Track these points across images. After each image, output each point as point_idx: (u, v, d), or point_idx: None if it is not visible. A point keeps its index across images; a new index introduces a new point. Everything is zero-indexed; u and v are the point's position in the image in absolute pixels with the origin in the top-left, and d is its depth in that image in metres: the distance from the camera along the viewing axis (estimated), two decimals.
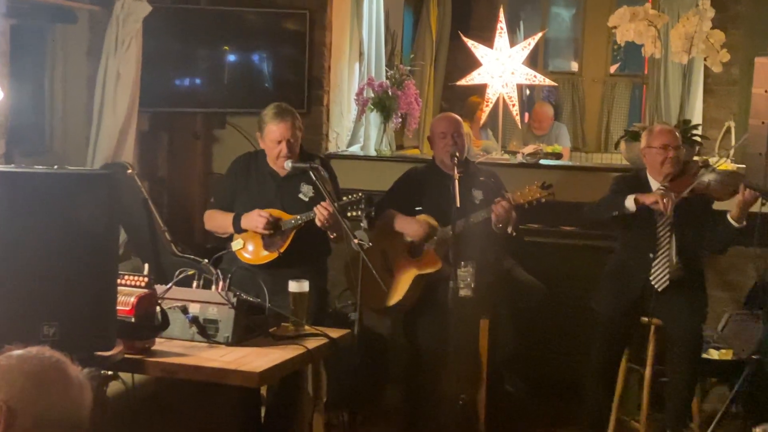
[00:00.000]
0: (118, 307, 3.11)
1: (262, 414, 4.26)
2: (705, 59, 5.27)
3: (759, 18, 5.31)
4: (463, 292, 4.38)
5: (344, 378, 4.20)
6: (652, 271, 4.45)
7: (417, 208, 4.74)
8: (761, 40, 5.15)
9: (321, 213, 4.21)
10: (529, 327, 4.82)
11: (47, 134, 5.19)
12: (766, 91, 3.89)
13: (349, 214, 4.16)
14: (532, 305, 4.71)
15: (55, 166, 3.12)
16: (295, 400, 4.02)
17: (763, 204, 4.09)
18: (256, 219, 4.37)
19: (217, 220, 4.56)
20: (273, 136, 4.39)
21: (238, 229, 4.45)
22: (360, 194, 4.21)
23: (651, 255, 4.46)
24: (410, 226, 4.70)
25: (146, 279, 3.35)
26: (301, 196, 4.46)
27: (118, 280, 3.21)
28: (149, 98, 5.28)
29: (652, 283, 4.44)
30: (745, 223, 4.27)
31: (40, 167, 3.08)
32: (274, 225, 4.37)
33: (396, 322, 5.09)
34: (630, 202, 4.37)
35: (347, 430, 3.92)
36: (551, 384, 5.20)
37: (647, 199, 4.34)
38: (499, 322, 4.78)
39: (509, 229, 4.56)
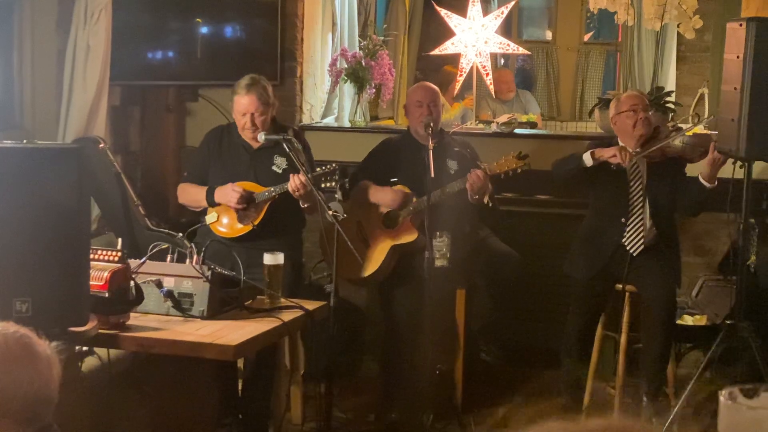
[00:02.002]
0: (91, 282, 3.10)
1: (240, 387, 4.27)
2: (678, 26, 5.28)
3: None
4: (438, 262, 4.38)
5: (321, 350, 4.20)
6: (626, 235, 4.47)
7: (392, 179, 4.73)
8: (733, 6, 5.16)
9: (294, 182, 4.20)
10: (505, 296, 4.83)
11: (16, 109, 5.12)
12: (738, 57, 3.89)
13: (323, 185, 4.14)
14: (508, 274, 4.73)
15: (24, 141, 3.08)
16: (272, 373, 4.02)
17: (741, 167, 4.10)
18: (229, 193, 4.34)
19: (191, 194, 4.53)
20: (238, 107, 4.37)
21: (212, 203, 4.42)
22: (334, 165, 4.19)
23: (623, 220, 4.48)
24: (385, 196, 4.68)
25: (120, 253, 3.34)
26: (274, 168, 4.44)
27: (92, 255, 3.19)
28: (120, 71, 5.21)
29: (627, 248, 4.46)
30: (716, 183, 4.30)
31: (9, 142, 3.04)
32: (247, 199, 4.35)
33: (372, 294, 5.09)
34: (587, 156, 4.39)
35: (325, 401, 3.93)
36: (528, 352, 5.23)
37: (606, 153, 4.37)
38: (475, 291, 4.80)
39: (486, 200, 4.56)
